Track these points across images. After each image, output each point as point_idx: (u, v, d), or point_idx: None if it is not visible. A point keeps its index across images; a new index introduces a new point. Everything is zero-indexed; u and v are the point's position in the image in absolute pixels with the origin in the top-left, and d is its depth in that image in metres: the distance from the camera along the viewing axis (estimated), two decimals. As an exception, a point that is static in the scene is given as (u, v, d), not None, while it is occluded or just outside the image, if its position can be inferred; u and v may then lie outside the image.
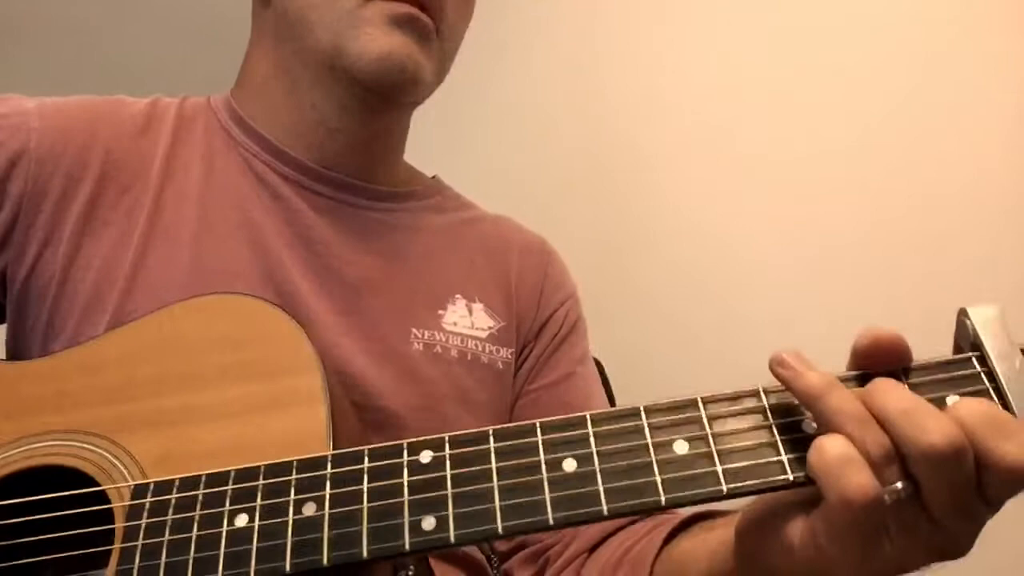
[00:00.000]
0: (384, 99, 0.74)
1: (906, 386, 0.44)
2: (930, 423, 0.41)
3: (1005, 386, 0.44)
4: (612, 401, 1.02)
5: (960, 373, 0.45)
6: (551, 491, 0.45)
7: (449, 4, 0.73)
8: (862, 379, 0.46)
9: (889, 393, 0.43)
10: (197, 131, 0.76)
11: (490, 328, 0.77)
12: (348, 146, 0.76)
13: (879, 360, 0.45)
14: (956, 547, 0.43)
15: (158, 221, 0.71)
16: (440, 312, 0.76)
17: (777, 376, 0.45)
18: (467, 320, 0.76)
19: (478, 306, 0.78)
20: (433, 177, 0.88)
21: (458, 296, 0.77)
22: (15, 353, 0.70)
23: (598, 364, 0.94)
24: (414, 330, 0.74)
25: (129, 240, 0.69)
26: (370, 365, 0.70)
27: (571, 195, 1.86)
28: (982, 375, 0.45)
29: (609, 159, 1.87)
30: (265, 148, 0.75)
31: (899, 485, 0.41)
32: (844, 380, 0.45)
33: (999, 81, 1.57)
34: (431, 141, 0.76)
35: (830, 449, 0.41)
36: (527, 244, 0.86)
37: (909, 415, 0.42)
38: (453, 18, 0.75)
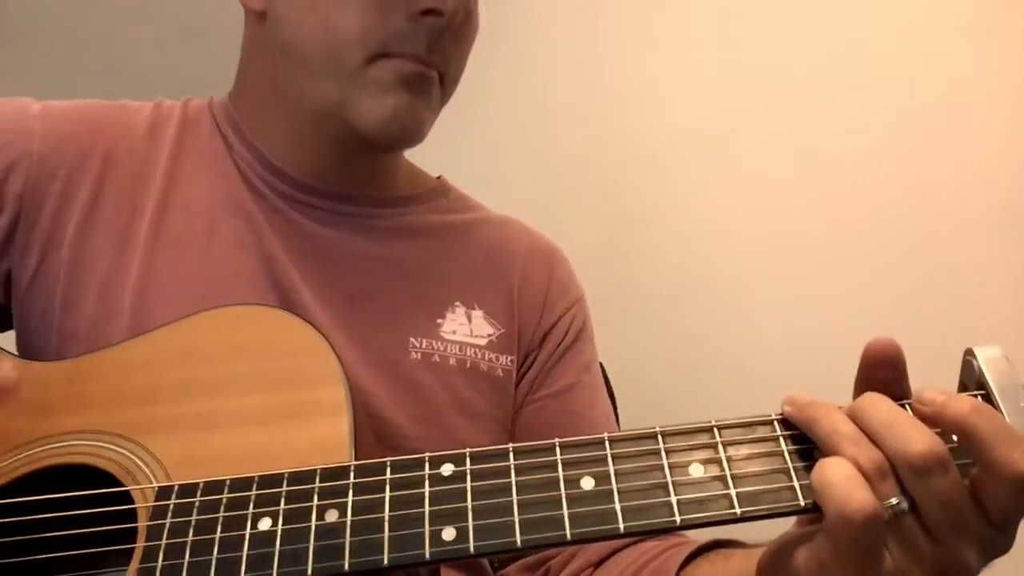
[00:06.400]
0: (383, 149, 0.76)
1: (891, 400, 0.46)
2: (913, 434, 0.43)
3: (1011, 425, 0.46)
4: (613, 402, 1.02)
5: (966, 410, 0.47)
6: (569, 507, 0.47)
7: (454, 55, 0.73)
8: None
9: (875, 407, 0.45)
10: (202, 137, 0.77)
11: (489, 335, 0.77)
12: (347, 168, 0.77)
13: (875, 368, 0.48)
14: (961, 570, 0.43)
15: (164, 226, 0.71)
16: (439, 320, 0.76)
17: (785, 414, 0.48)
18: (466, 328, 0.76)
19: (477, 313, 0.77)
20: (438, 178, 0.87)
21: (457, 303, 0.77)
22: (24, 354, 0.69)
23: (600, 365, 0.93)
24: (412, 339, 0.74)
25: (134, 244, 0.70)
26: (369, 376, 0.71)
27: (573, 195, 1.87)
28: (988, 413, 0.47)
29: (611, 159, 1.88)
30: (262, 163, 0.75)
31: (894, 500, 0.43)
32: None
33: (999, 80, 1.60)
34: (432, 142, 0.77)
35: (829, 468, 0.43)
36: (532, 248, 0.85)
37: (893, 427, 0.44)
38: (456, 67, 0.75)
